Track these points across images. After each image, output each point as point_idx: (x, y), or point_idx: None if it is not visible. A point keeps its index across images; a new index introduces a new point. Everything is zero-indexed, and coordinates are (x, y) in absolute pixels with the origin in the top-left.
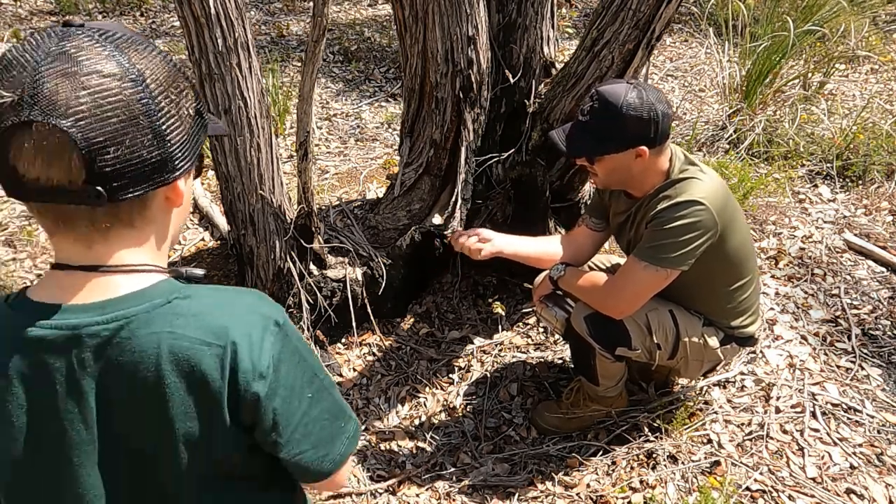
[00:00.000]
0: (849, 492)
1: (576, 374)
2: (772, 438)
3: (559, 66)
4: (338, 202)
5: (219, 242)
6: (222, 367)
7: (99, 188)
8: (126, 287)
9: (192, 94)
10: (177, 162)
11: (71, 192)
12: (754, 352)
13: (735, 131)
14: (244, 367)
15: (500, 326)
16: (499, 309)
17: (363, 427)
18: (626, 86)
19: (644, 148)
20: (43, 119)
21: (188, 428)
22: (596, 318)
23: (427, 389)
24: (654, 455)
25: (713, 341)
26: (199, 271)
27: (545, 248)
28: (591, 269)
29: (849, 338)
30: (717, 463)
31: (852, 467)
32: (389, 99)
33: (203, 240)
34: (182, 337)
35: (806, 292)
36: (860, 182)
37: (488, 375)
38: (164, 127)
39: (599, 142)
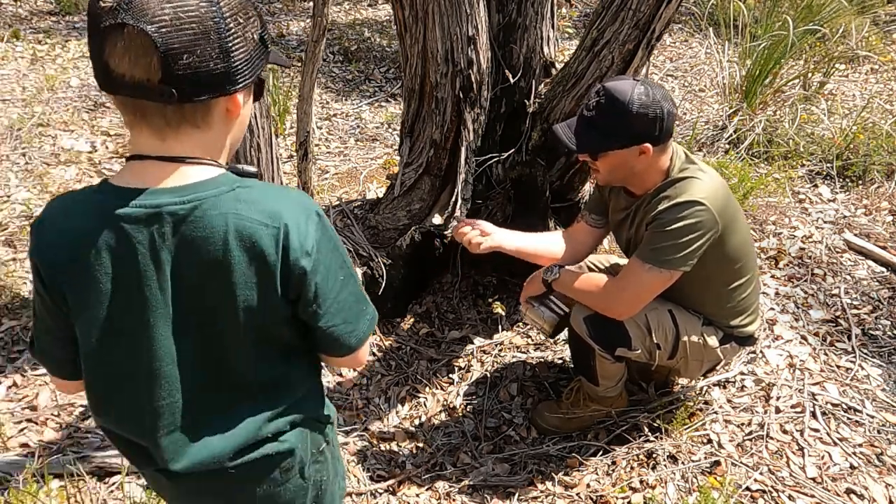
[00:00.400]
0: (849, 492)
1: (576, 374)
2: (772, 438)
3: (559, 66)
4: (338, 202)
5: None
6: (276, 244)
7: (172, 89)
8: (195, 176)
9: (259, 23)
10: (238, 77)
11: (149, 90)
12: (754, 352)
13: (735, 131)
14: (294, 245)
15: (500, 326)
16: (499, 309)
17: (363, 427)
18: (633, 82)
19: (648, 145)
20: (133, 23)
21: (247, 296)
22: (595, 319)
23: (427, 389)
24: (654, 455)
25: (713, 341)
26: (252, 168)
27: (545, 244)
28: (589, 269)
29: (849, 338)
30: (717, 463)
31: (852, 467)
32: (389, 99)
33: None
34: (245, 218)
35: (806, 292)
36: (860, 182)
37: (488, 375)
38: (230, 44)
39: (605, 138)
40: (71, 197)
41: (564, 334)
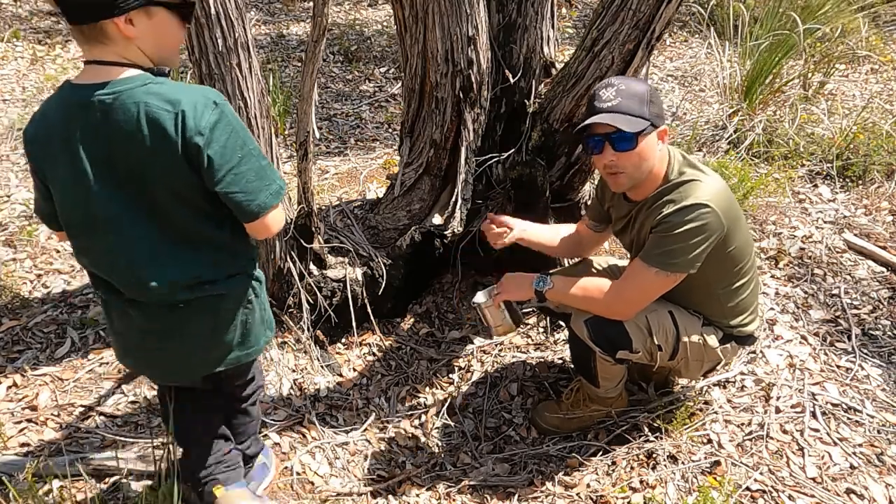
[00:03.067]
0: (849, 492)
1: (576, 376)
2: (772, 438)
3: (559, 66)
4: (338, 202)
5: None
6: (175, 125)
7: (68, 13)
8: (118, 75)
9: None
10: (120, 4)
11: (63, 13)
12: (754, 352)
13: (735, 131)
14: (189, 125)
15: None
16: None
17: (363, 427)
18: (624, 77)
19: (663, 130)
20: None
21: (162, 164)
22: (596, 321)
23: (427, 389)
24: (654, 455)
25: (713, 340)
26: (166, 69)
27: (557, 235)
28: (592, 271)
29: (849, 338)
30: (717, 463)
31: (852, 467)
32: (389, 99)
33: None
34: (152, 105)
35: (806, 292)
36: (860, 182)
37: (488, 375)
38: None
39: (641, 120)
40: (52, 95)
41: (565, 335)
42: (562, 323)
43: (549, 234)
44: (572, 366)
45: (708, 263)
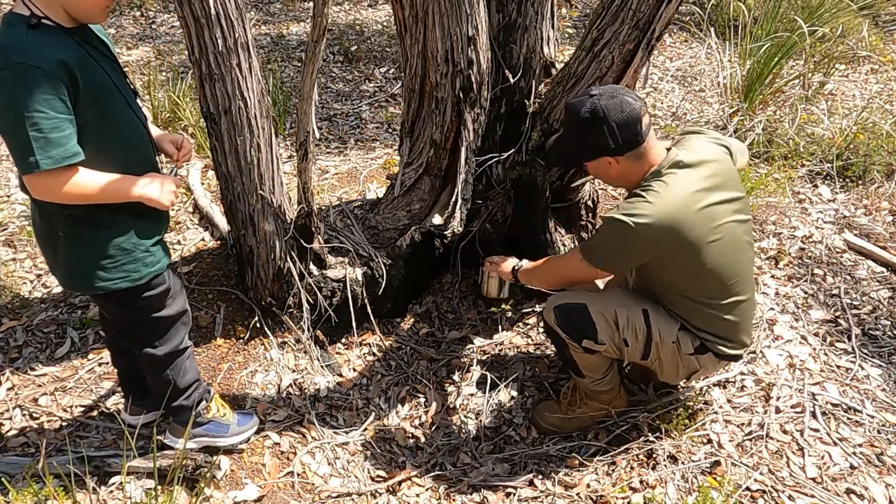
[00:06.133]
0: (849, 492)
1: (563, 368)
2: (772, 438)
3: (559, 66)
4: (338, 202)
5: (219, 242)
6: None
7: None
8: (19, 9)
9: None
10: None
11: None
12: (754, 352)
13: (735, 131)
14: None
15: (500, 326)
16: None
17: (363, 427)
18: (587, 99)
19: (608, 158)
20: None
21: None
22: (565, 308)
23: (427, 389)
24: (654, 455)
25: (687, 347)
26: (49, 23)
27: None
28: None
29: (849, 338)
30: (717, 463)
31: (852, 467)
32: (389, 99)
33: (203, 240)
34: None
35: (806, 292)
36: (860, 182)
37: (488, 375)
38: None
39: (572, 155)
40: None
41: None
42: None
43: None
44: (559, 360)
45: (662, 270)
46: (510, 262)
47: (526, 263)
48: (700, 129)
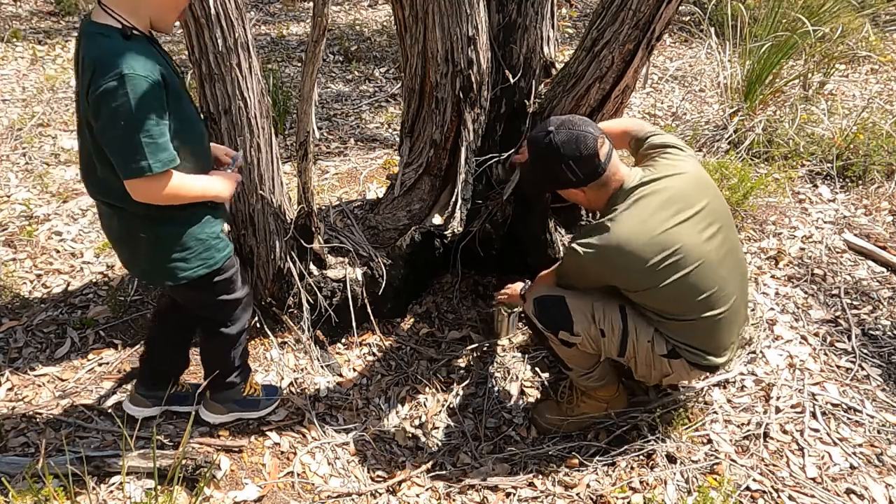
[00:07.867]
0: (849, 492)
1: (552, 364)
2: (772, 438)
3: (559, 66)
4: (338, 202)
5: None
6: (89, 78)
7: None
8: (104, 20)
9: None
10: None
11: None
12: (754, 352)
13: (735, 131)
14: (95, 83)
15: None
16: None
17: (363, 427)
18: (544, 136)
19: (572, 190)
20: None
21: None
22: (543, 300)
23: (427, 389)
24: (654, 455)
25: (661, 348)
26: (137, 34)
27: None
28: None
29: (849, 338)
30: (717, 463)
31: (852, 467)
32: (389, 99)
33: None
34: (89, 55)
35: (806, 292)
36: (860, 182)
37: (488, 375)
38: None
39: (541, 184)
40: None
41: None
42: None
43: None
44: (549, 356)
45: (630, 292)
46: (518, 288)
47: (529, 284)
48: (666, 141)
